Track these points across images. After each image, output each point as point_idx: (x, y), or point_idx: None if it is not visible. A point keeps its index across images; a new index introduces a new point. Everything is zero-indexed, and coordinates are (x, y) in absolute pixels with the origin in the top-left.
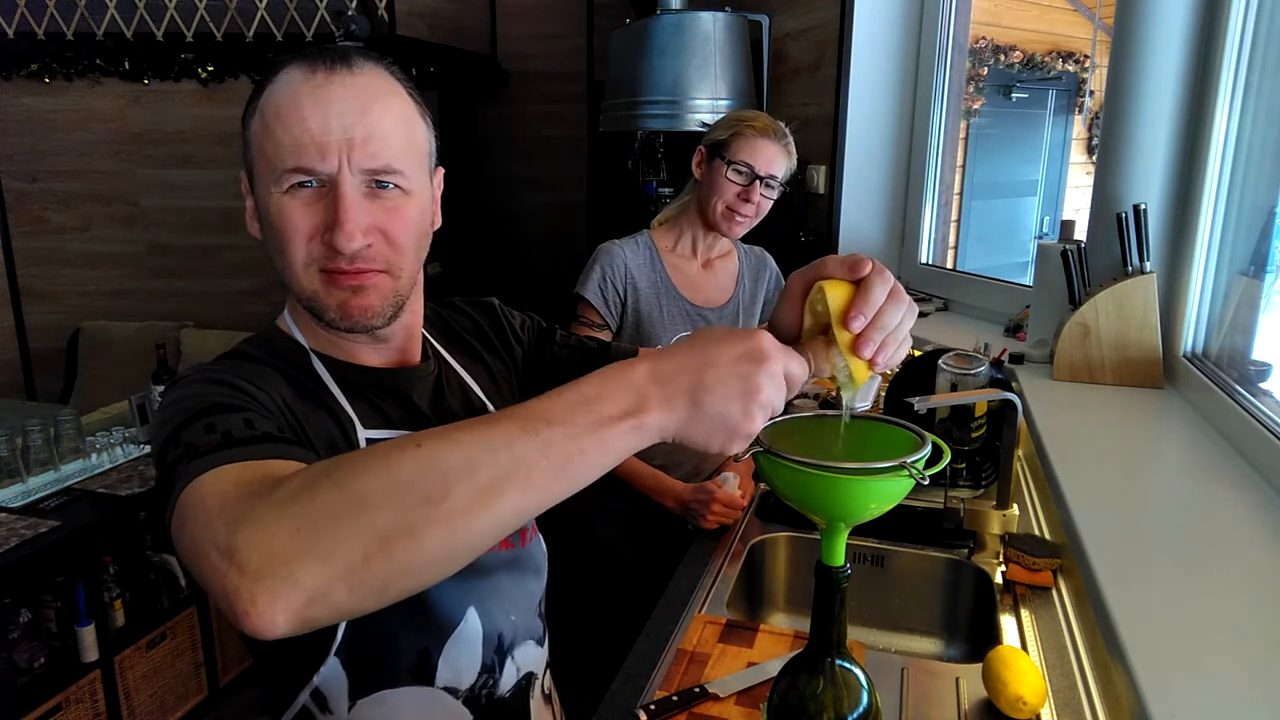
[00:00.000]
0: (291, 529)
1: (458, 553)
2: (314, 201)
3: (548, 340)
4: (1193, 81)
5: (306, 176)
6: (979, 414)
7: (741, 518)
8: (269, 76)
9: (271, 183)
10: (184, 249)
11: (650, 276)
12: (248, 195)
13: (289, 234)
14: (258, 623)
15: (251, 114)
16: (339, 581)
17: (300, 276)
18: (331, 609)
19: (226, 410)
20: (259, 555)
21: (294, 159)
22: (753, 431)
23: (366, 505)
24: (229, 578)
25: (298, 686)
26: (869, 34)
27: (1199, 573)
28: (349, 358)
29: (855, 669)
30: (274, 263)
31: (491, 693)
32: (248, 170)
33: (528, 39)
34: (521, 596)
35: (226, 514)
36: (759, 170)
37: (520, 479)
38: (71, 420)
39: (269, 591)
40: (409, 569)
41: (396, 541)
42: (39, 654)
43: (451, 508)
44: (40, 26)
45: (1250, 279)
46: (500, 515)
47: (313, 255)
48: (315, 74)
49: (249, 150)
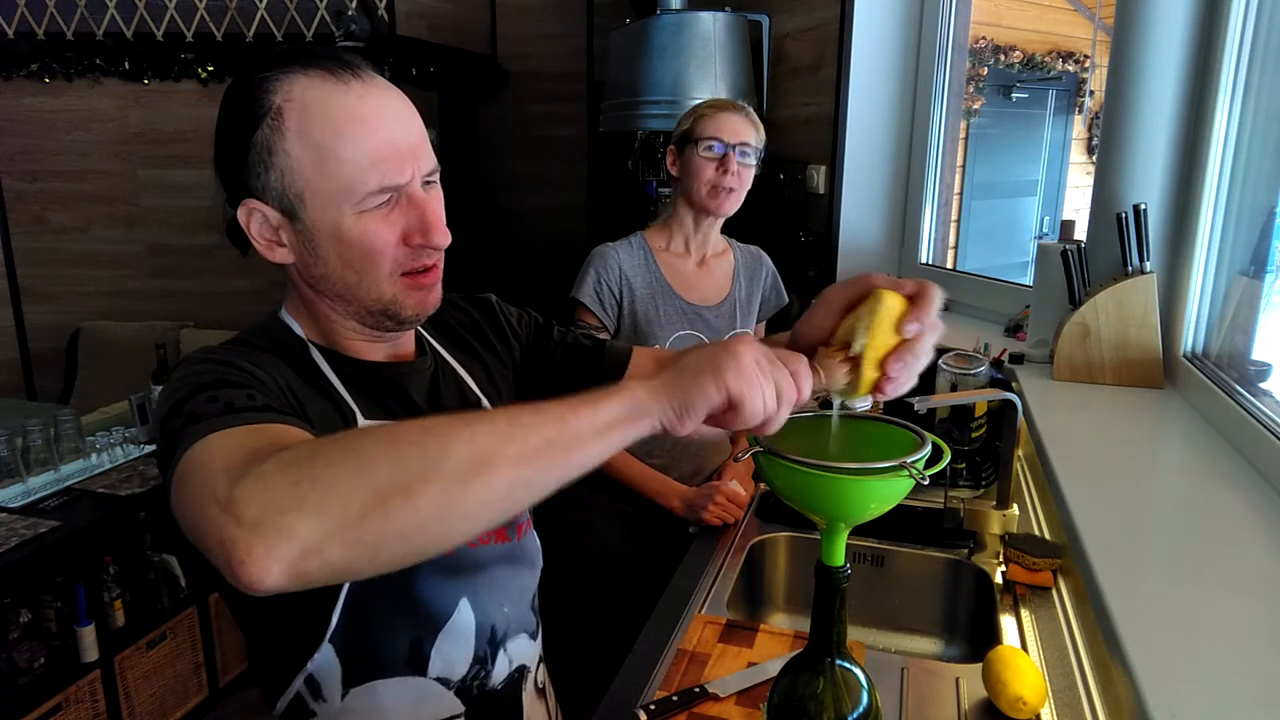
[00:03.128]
0: (292, 482)
1: (451, 518)
2: (391, 212)
3: (545, 336)
4: (1193, 81)
5: (392, 194)
6: (979, 414)
7: (742, 517)
8: (274, 87)
9: (348, 205)
10: (184, 249)
11: (645, 276)
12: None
13: (378, 249)
14: (252, 571)
15: (277, 133)
16: (334, 535)
17: (381, 285)
18: (324, 564)
19: (229, 385)
20: (258, 506)
21: (377, 178)
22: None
23: (366, 463)
24: (226, 528)
25: (292, 672)
26: (869, 34)
27: (1199, 573)
28: (349, 352)
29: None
30: (333, 280)
31: (483, 684)
32: (269, 193)
33: (528, 39)
34: (515, 590)
35: (231, 471)
36: (728, 140)
37: (516, 444)
38: (71, 420)
39: (265, 541)
40: (404, 529)
41: (392, 498)
42: (39, 654)
43: (448, 468)
44: (40, 26)
45: (1250, 279)
46: (495, 484)
47: (398, 262)
48: (348, 84)
49: (282, 174)
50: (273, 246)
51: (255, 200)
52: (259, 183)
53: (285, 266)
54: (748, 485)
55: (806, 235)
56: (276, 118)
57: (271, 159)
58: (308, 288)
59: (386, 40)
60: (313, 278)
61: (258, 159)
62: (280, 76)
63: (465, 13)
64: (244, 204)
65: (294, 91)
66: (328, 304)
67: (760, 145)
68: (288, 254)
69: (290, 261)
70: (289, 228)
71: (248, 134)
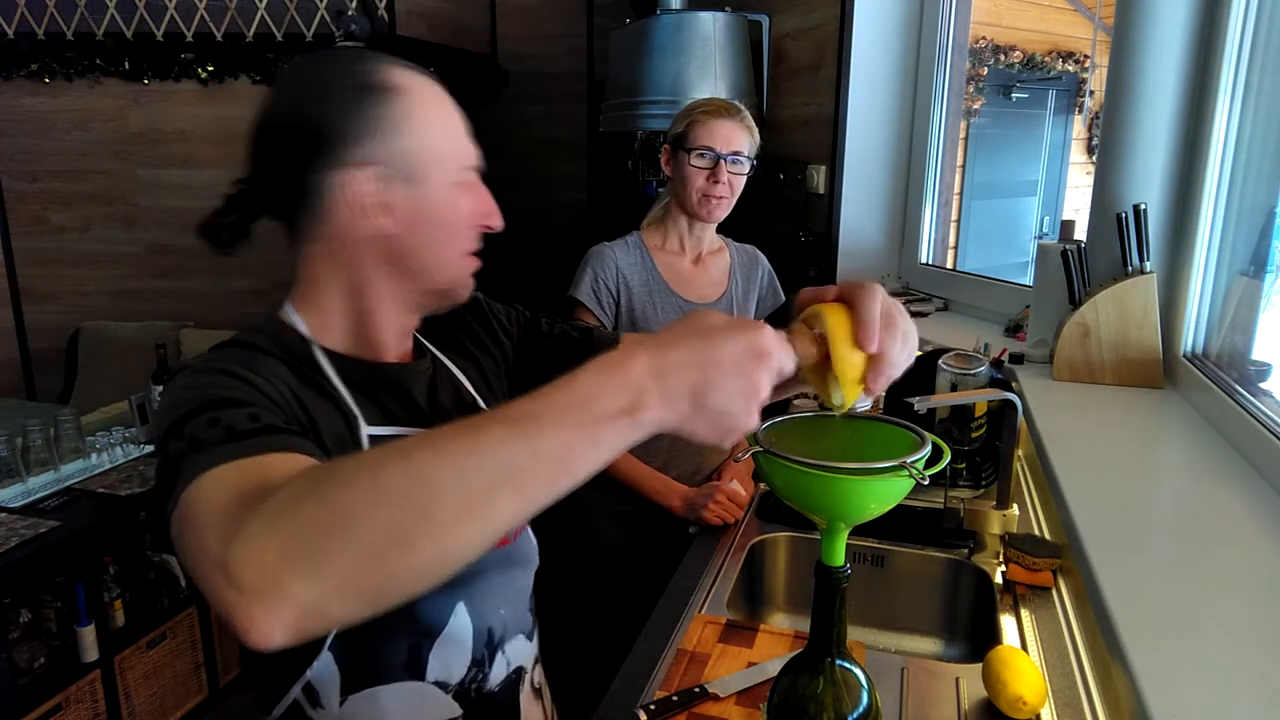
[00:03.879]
0: (280, 546)
1: (453, 559)
2: (472, 190)
3: (534, 331)
4: (1193, 81)
5: (473, 172)
6: (979, 414)
7: (742, 517)
8: (382, 69)
9: (454, 176)
10: (184, 249)
11: (642, 275)
12: (376, 187)
13: (464, 222)
14: (257, 638)
15: (411, 103)
16: (332, 594)
17: (456, 262)
18: (327, 620)
19: (231, 405)
20: (252, 572)
21: (469, 156)
22: (750, 426)
23: (356, 519)
24: (226, 594)
25: (290, 680)
26: (869, 34)
27: (1199, 573)
28: (358, 353)
29: (855, 669)
30: (424, 252)
31: (481, 687)
32: (393, 160)
33: (528, 39)
34: (511, 591)
35: (220, 525)
36: (720, 150)
37: (511, 485)
38: (71, 420)
39: (265, 609)
40: (402, 578)
41: (389, 552)
42: (39, 654)
43: (442, 518)
44: (40, 26)
45: (1250, 279)
46: (492, 521)
47: (470, 241)
48: (427, 79)
49: (414, 139)
50: (378, 214)
51: (372, 166)
52: (382, 149)
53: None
54: (747, 485)
55: (806, 235)
56: (404, 94)
57: (405, 125)
58: (387, 264)
59: (386, 40)
60: (404, 251)
61: (384, 125)
62: (371, 62)
63: (465, 13)
64: (352, 173)
65: (396, 78)
66: (393, 286)
67: (754, 149)
68: (392, 223)
69: (392, 232)
70: (408, 193)
71: (368, 104)
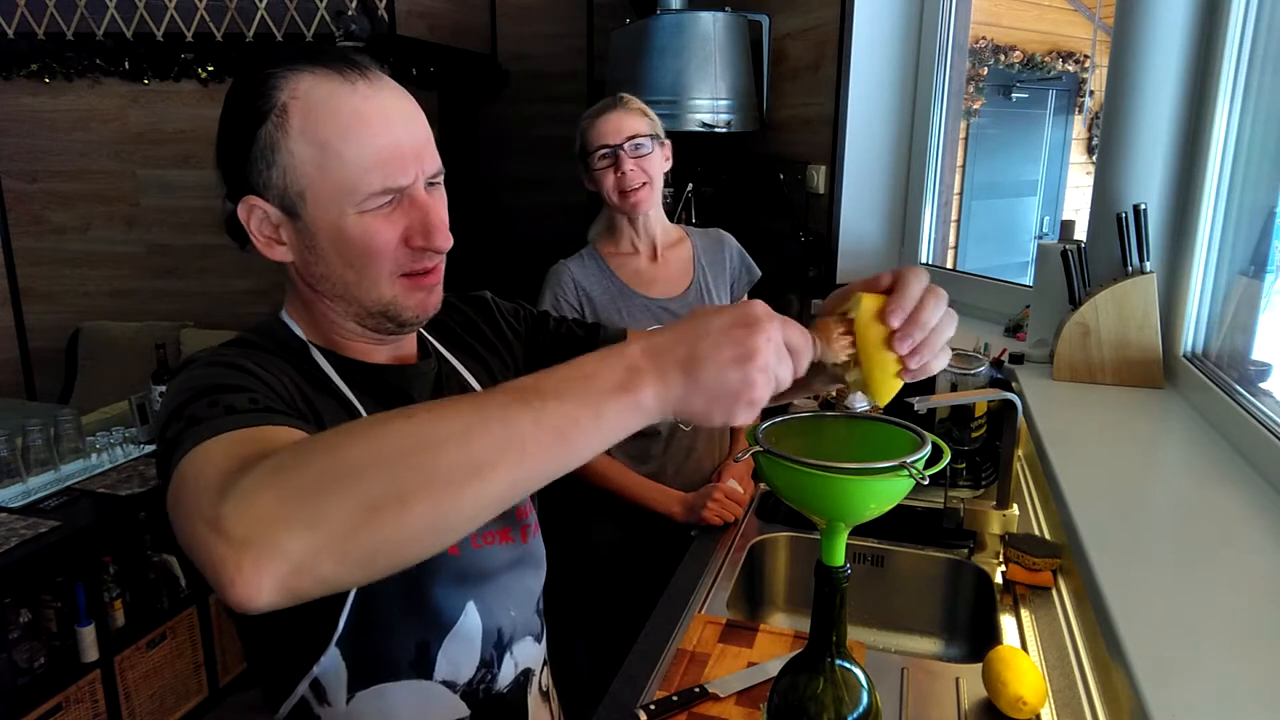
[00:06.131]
0: (278, 496)
1: (446, 526)
2: (393, 212)
3: (541, 328)
4: (1193, 81)
5: (394, 195)
6: (979, 414)
7: (742, 517)
8: (280, 85)
9: (349, 205)
10: (184, 249)
11: (602, 284)
12: (264, 217)
13: (378, 249)
14: (243, 591)
15: (282, 130)
16: (325, 550)
17: (381, 286)
18: (317, 579)
19: (231, 390)
20: (245, 523)
21: (380, 179)
22: (756, 398)
23: (356, 473)
24: (216, 547)
25: (297, 676)
26: (869, 34)
27: (1199, 573)
28: (351, 354)
29: (855, 669)
30: (333, 280)
31: (489, 687)
32: (270, 190)
33: (528, 39)
34: (521, 593)
35: (216, 486)
36: (613, 142)
37: (514, 450)
38: (71, 420)
39: (255, 559)
40: (396, 540)
41: (385, 509)
42: (39, 654)
43: (442, 477)
44: (40, 26)
45: (1250, 279)
46: (491, 488)
47: (398, 263)
48: (355, 85)
49: (284, 171)
50: (272, 244)
51: (256, 197)
52: (261, 179)
53: (285, 266)
54: (746, 485)
55: (806, 235)
56: (281, 115)
57: (274, 156)
58: (307, 288)
59: (386, 40)
60: (312, 277)
61: (260, 155)
62: (287, 74)
63: (465, 13)
64: (245, 200)
65: (300, 89)
66: (327, 304)
67: (655, 129)
68: (287, 252)
69: (289, 260)
70: (289, 226)
71: (252, 130)
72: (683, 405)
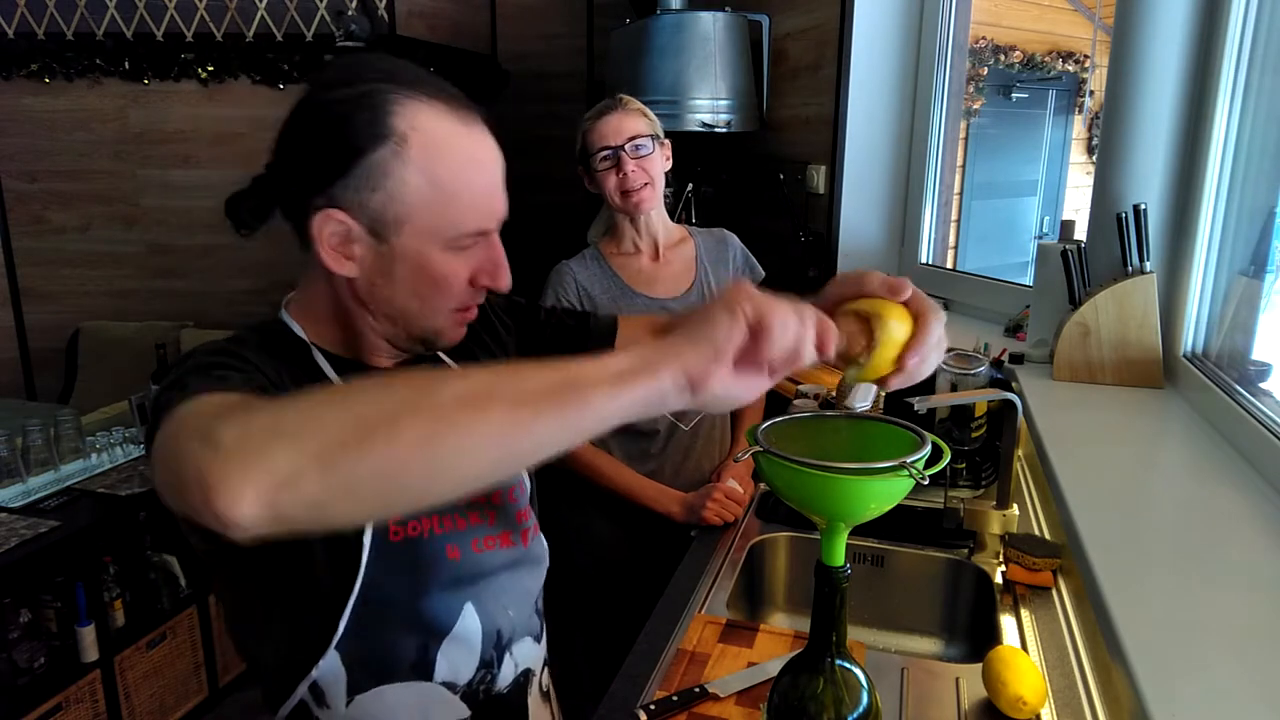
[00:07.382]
0: (274, 414)
1: (438, 461)
2: (472, 251)
3: (533, 319)
4: (1193, 81)
5: (482, 237)
6: (979, 414)
7: (742, 517)
8: (397, 110)
9: (441, 241)
10: (184, 249)
11: (603, 284)
12: (343, 232)
13: (449, 285)
14: (225, 500)
15: (399, 159)
16: (310, 465)
17: (439, 318)
18: (299, 498)
19: (229, 369)
20: (236, 435)
21: (475, 221)
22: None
23: (354, 398)
24: (202, 457)
25: (296, 679)
26: (869, 34)
27: (1199, 573)
28: (358, 357)
29: (855, 669)
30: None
31: (489, 688)
32: (364, 210)
33: (528, 39)
34: (520, 594)
35: (212, 413)
36: (614, 143)
37: (511, 391)
38: (71, 420)
39: (240, 467)
40: (384, 467)
41: (376, 429)
42: (39, 654)
43: (438, 402)
44: (40, 26)
45: (1250, 279)
46: (486, 427)
47: (460, 300)
48: (470, 126)
49: (389, 198)
50: (341, 259)
51: (342, 212)
52: (356, 198)
53: (330, 276)
54: (746, 484)
55: (806, 235)
56: (401, 144)
57: (383, 181)
58: (356, 302)
59: (386, 40)
60: (371, 297)
61: (365, 176)
62: (402, 99)
63: (465, 13)
64: (325, 212)
65: (419, 121)
66: (370, 321)
67: (655, 129)
68: (354, 268)
69: (354, 276)
70: (371, 247)
71: (360, 148)
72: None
